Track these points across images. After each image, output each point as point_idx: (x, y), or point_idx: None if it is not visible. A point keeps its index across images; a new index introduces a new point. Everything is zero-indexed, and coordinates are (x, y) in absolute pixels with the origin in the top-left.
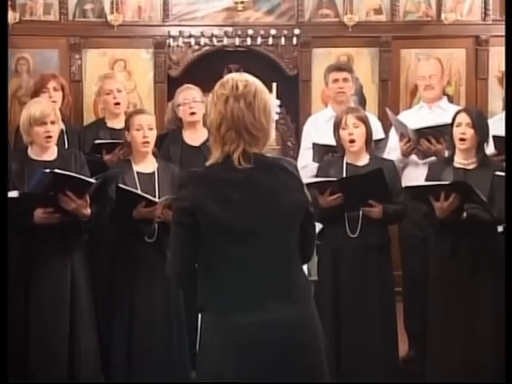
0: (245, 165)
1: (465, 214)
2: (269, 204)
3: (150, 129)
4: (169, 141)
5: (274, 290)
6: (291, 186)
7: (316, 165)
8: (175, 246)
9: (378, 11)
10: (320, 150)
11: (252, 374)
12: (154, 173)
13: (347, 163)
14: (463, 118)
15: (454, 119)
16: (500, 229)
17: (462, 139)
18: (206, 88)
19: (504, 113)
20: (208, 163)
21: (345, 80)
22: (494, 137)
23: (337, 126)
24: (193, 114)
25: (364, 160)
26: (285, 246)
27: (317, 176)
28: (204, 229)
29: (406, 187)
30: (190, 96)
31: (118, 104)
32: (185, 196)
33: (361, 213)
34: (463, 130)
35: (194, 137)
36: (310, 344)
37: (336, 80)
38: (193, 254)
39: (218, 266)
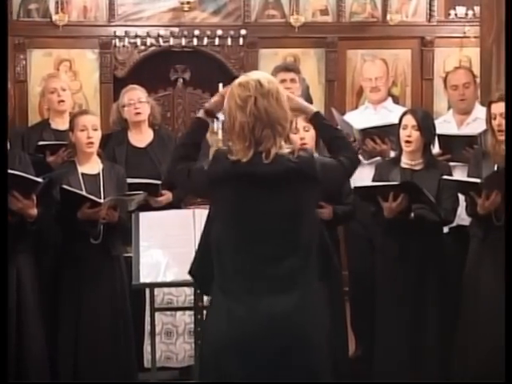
0: (270, 162)
1: (412, 215)
2: (284, 197)
3: (95, 129)
4: (114, 142)
5: (280, 280)
6: (308, 181)
7: None
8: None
9: (324, 12)
10: None
11: (253, 364)
12: (98, 174)
13: None
14: (409, 120)
15: (400, 120)
16: (446, 230)
17: (407, 141)
18: (152, 88)
19: (450, 114)
20: (233, 158)
21: (292, 81)
22: (439, 135)
23: None
24: (138, 114)
25: None
26: (294, 239)
27: None
28: (217, 218)
29: (355, 188)
30: (135, 96)
31: (62, 101)
32: (207, 174)
33: None
34: (409, 133)
35: (140, 138)
36: (312, 336)
37: (283, 80)
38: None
39: (225, 253)
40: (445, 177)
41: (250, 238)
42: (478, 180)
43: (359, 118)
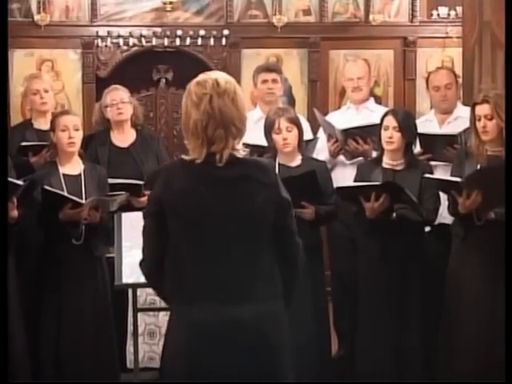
0: (225, 164)
1: (394, 214)
2: (241, 201)
3: (76, 129)
4: (96, 142)
5: (241, 288)
6: (267, 184)
7: None
8: (145, 237)
9: (307, 12)
10: (251, 151)
11: (217, 370)
12: (80, 174)
13: (279, 164)
14: (390, 121)
15: (381, 121)
16: (427, 229)
17: (389, 142)
18: (135, 88)
19: (432, 113)
20: (187, 157)
21: (274, 81)
22: (420, 135)
23: (269, 130)
24: (120, 114)
25: (296, 161)
26: (253, 246)
27: None
28: (172, 222)
29: (337, 188)
30: (117, 97)
31: (44, 103)
32: (157, 187)
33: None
34: (390, 134)
35: (122, 138)
36: (274, 344)
37: (265, 81)
38: (161, 247)
39: (183, 261)
40: (427, 175)
41: (206, 243)
42: (458, 179)
43: (341, 119)
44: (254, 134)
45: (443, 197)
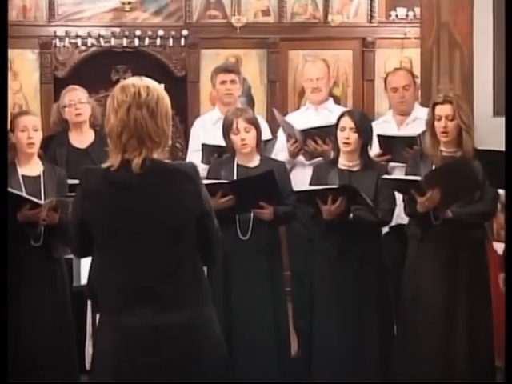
0: (142, 171)
1: (351, 215)
2: (159, 209)
3: (35, 130)
4: (55, 143)
5: (165, 294)
6: (187, 190)
7: (205, 166)
8: (71, 245)
9: (266, 13)
10: (209, 151)
11: (146, 377)
12: (39, 176)
13: (238, 164)
14: (347, 122)
15: (337, 122)
16: (386, 229)
17: (346, 143)
18: (94, 89)
19: (390, 114)
20: (105, 165)
21: (232, 82)
22: (379, 136)
23: (227, 130)
24: (79, 115)
25: (255, 161)
26: (175, 251)
27: (207, 178)
28: (93, 230)
29: (294, 191)
30: (75, 97)
31: None
32: (77, 195)
33: (252, 215)
34: (347, 135)
35: (81, 139)
36: (203, 349)
37: (224, 82)
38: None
39: (108, 267)
40: (384, 176)
41: (124, 251)
42: (418, 178)
43: (301, 119)
44: (213, 135)
45: (399, 198)
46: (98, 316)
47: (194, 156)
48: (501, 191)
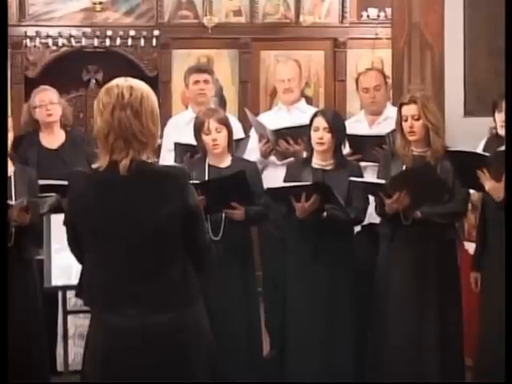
0: (130, 173)
1: (325, 214)
2: (144, 211)
3: None
4: (25, 144)
5: (152, 294)
6: (173, 193)
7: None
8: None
9: (238, 13)
10: (182, 150)
11: (135, 377)
12: (10, 177)
13: (209, 165)
14: (320, 122)
15: (311, 122)
16: (358, 228)
17: (319, 143)
18: (64, 89)
19: (362, 114)
20: (94, 166)
21: (205, 82)
22: (349, 136)
23: (198, 130)
24: (49, 115)
25: (226, 161)
26: (162, 253)
27: None
28: (80, 231)
29: (268, 189)
30: (46, 98)
31: None
32: (68, 195)
33: (223, 215)
34: (320, 135)
35: (51, 139)
36: (193, 349)
37: (197, 82)
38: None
39: (96, 268)
40: (352, 178)
41: (111, 252)
42: (383, 181)
43: (273, 119)
44: (186, 135)
45: (371, 197)
46: (69, 317)
47: (167, 156)
48: (472, 191)
